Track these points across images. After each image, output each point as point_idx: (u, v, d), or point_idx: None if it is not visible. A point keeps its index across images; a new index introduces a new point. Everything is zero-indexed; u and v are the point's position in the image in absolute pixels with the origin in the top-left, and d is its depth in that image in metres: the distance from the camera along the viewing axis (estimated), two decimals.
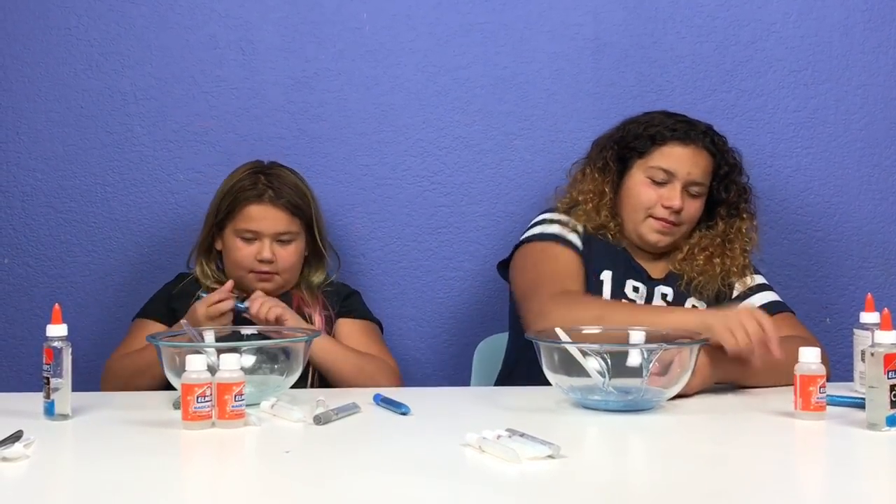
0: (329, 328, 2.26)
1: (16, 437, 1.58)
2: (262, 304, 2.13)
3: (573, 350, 1.82)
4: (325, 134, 2.59)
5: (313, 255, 2.34)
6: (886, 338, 1.69)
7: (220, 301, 2.12)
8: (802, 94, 2.62)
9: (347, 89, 2.59)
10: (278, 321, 2.12)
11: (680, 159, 2.23)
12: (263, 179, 2.26)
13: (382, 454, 1.62)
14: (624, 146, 2.27)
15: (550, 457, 1.51)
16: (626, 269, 2.23)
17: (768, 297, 2.24)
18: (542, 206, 2.36)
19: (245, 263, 2.25)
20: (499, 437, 1.56)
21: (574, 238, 2.23)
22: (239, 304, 2.14)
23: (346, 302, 2.32)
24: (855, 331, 1.99)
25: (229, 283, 2.18)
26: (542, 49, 2.60)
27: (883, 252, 2.63)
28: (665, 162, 2.22)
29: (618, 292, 2.20)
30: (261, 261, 2.23)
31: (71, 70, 2.56)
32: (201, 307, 2.12)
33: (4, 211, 2.57)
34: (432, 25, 2.60)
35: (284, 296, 2.26)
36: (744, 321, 1.91)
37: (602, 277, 2.21)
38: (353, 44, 2.59)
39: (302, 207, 2.28)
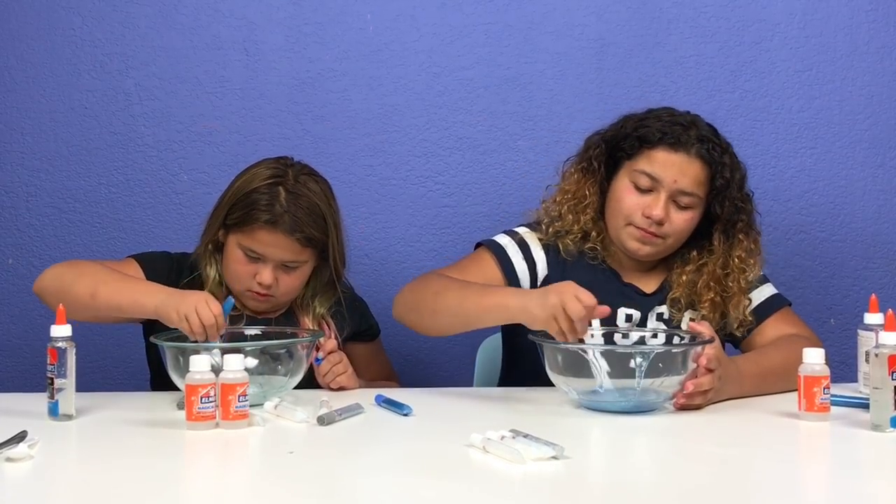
0: (337, 344, 2.13)
1: (20, 437, 1.59)
2: (331, 370, 2.01)
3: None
4: (329, 134, 2.59)
5: (322, 275, 2.15)
6: (891, 339, 1.69)
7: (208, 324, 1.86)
8: (807, 94, 2.62)
9: (351, 90, 2.59)
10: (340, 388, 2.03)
11: (666, 165, 2.05)
12: (283, 199, 2.04)
13: (387, 455, 1.62)
14: (614, 145, 2.12)
15: (554, 458, 1.51)
16: (615, 294, 2.06)
17: (765, 291, 2.16)
18: None
19: (242, 280, 2.07)
20: (503, 437, 1.56)
21: (517, 257, 2.13)
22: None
23: (359, 326, 2.22)
24: (859, 332, 1.98)
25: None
26: (545, 49, 2.60)
27: (887, 253, 2.62)
28: (650, 167, 2.06)
29: (609, 321, 1.99)
30: (259, 283, 2.05)
31: (75, 70, 2.56)
32: (202, 306, 1.86)
33: (8, 211, 2.57)
34: (436, 26, 2.60)
35: (289, 316, 2.15)
36: (565, 303, 1.79)
37: None
38: (357, 44, 2.59)
39: (317, 239, 2.08)
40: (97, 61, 2.57)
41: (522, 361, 2.17)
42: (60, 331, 1.77)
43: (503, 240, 2.17)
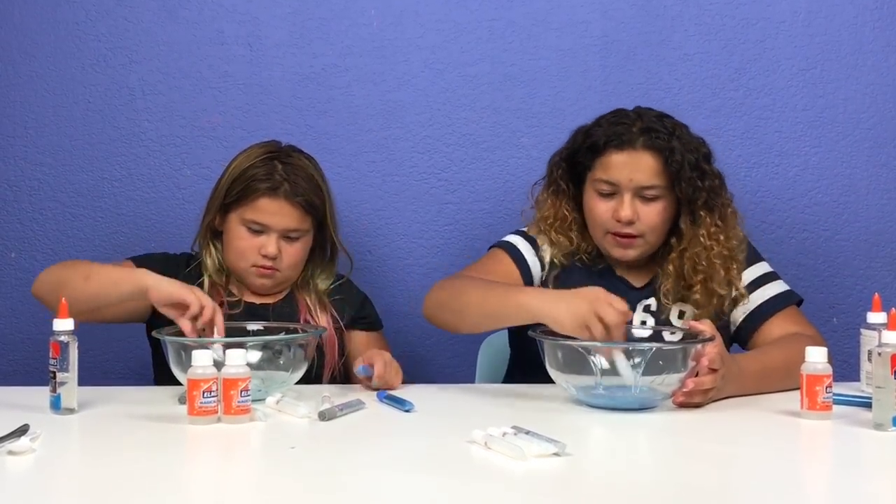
0: (339, 338, 2.18)
1: (22, 430, 1.59)
2: (386, 373, 1.98)
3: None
4: (332, 130, 2.59)
5: (321, 254, 2.24)
6: (893, 338, 1.69)
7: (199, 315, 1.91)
8: (811, 92, 2.61)
9: (354, 86, 2.59)
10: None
11: (618, 167, 2.07)
12: (280, 169, 2.14)
13: (388, 451, 1.62)
14: (573, 161, 2.15)
15: (556, 454, 1.51)
16: (606, 288, 1.94)
17: (771, 290, 2.15)
18: None
19: (247, 255, 2.14)
20: (504, 434, 1.56)
21: (530, 255, 2.17)
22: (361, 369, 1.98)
23: (359, 312, 2.24)
24: (862, 331, 1.98)
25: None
26: (549, 46, 2.60)
27: (890, 252, 2.62)
28: (605, 173, 2.08)
29: None
30: (264, 255, 2.13)
31: (78, 65, 2.56)
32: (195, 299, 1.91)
33: (12, 205, 2.57)
34: (440, 22, 2.59)
35: (289, 300, 2.20)
36: (600, 311, 1.81)
37: None
38: (361, 40, 2.59)
39: (316, 205, 2.16)
40: (101, 56, 2.56)
41: (530, 354, 2.17)
42: (63, 325, 1.78)
43: (514, 238, 2.22)
